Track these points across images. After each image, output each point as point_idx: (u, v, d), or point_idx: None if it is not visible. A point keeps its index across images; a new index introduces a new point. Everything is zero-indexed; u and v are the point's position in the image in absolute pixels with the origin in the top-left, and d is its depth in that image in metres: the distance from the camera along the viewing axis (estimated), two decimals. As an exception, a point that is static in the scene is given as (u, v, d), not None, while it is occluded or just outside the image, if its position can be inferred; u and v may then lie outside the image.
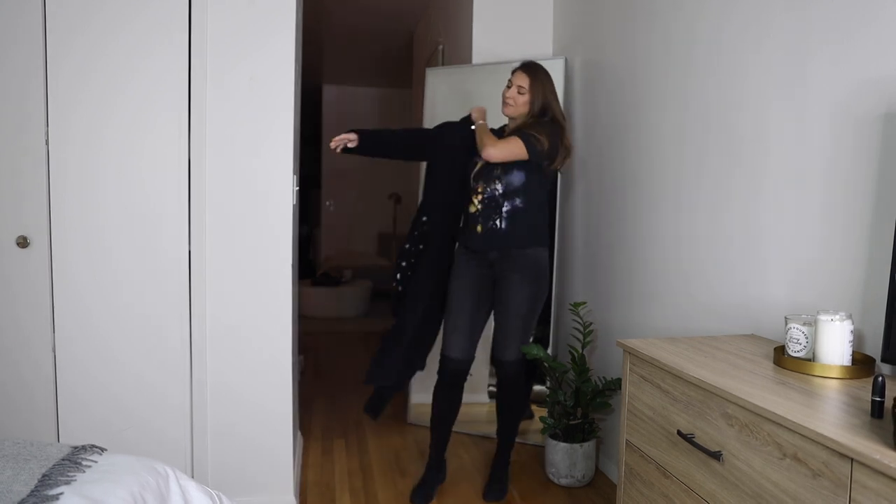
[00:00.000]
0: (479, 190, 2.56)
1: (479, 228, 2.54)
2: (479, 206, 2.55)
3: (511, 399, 2.67)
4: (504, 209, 2.51)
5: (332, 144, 2.60)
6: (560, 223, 3.21)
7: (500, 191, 2.51)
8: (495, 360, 2.63)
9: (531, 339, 2.92)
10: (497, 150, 2.43)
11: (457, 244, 2.69)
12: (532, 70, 2.55)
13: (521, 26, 3.47)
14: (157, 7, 2.31)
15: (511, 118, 2.58)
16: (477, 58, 3.42)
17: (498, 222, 2.51)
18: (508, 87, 2.56)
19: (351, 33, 5.96)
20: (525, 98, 2.52)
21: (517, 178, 2.50)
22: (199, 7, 2.33)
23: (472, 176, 2.60)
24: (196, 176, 2.38)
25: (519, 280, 2.52)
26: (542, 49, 3.47)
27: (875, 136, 1.54)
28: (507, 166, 2.50)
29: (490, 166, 2.53)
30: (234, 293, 2.43)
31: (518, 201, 2.51)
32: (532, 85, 2.51)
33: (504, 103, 2.56)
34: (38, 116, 2.30)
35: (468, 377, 2.67)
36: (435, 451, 2.69)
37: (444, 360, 2.62)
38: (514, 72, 2.57)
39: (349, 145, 2.60)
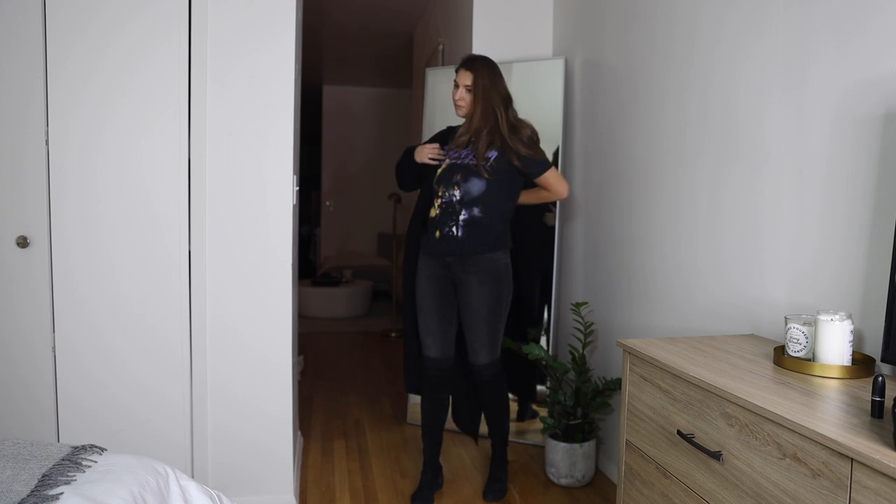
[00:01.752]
0: (440, 194, 2.51)
1: (437, 234, 2.50)
2: (438, 211, 2.50)
3: (491, 402, 2.64)
4: (461, 217, 2.46)
5: (434, 155, 2.56)
6: (560, 223, 3.21)
7: (458, 197, 2.46)
8: (469, 366, 2.60)
9: (527, 343, 2.89)
10: (565, 186, 2.57)
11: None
12: (472, 65, 2.49)
13: (521, 26, 3.47)
14: (157, 7, 2.31)
15: (466, 118, 2.54)
16: (477, 58, 3.42)
17: (454, 229, 2.46)
18: (455, 87, 2.50)
19: (351, 33, 5.96)
20: (472, 96, 2.47)
21: (476, 186, 2.45)
22: (199, 7, 2.33)
23: (434, 179, 2.55)
24: (196, 176, 2.38)
25: (477, 283, 2.48)
26: (542, 49, 3.48)
27: (875, 136, 1.54)
28: (466, 173, 2.46)
29: (451, 171, 2.49)
30: (234, 293, 2.43)
31: (476, 211, 2.45)
32: (474, 82, 2.46)
33: (456, 106, 2.51)
34: (38, 116, 2.30)
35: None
36: (429, 455, 2.68)
37: (424, 360, 2.61)
38: (457, 70, 2.52)
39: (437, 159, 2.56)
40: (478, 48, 3.43)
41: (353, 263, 7.51)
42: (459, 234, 2.46)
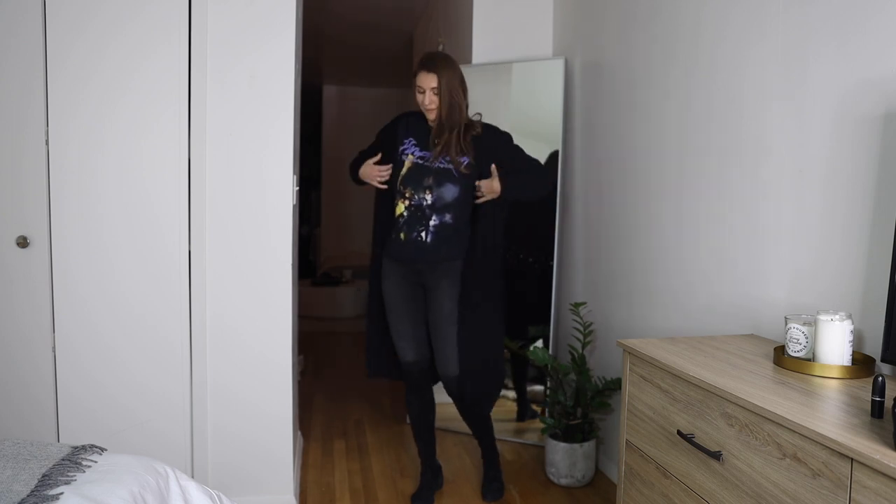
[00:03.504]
0: (407, 195, 2.41)
1: (402, 236, 2.41)
2: (405, 213, 2.41)
3: (473, 413, 2.60)
4: (431, 223, 2.38)
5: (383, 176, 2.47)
6: (560, 223, 3.21)
7: (429, 202, 2.38)
8: (440, 377, 2.53)
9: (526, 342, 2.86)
10: None
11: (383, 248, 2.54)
12: (433, 67, 2.36)
13: (521, 26, 3.47)
14: (157, 7, 2.31)
15: (434, 120, 2.43)
16: (477, 58, 3.42)
17: (423, 235, 2.38)
18: (421, 92, 2.38)
19: (351, 33, 5.96)
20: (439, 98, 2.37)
21: (450, 192, 2.38)
22: (199, 7, 2.33)
23: (399, 178, 2.44)
24: (196, 176, 2.38)
25: (448, 286, 2.42)
26: (542, 49, 3.47)
27: (875, 136, 1.54)
28: (441, 178, 2.38)
29: (419, 173, 2.40)
30: (234, 293, 2.43)
31: (448, 217, 2.38)
32: (439, 82, 2.35)
33: (427, 111, 2.40)
34: (38, 116, 2.30)
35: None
36: (425, 456, 2.67)
37: (402, 365, 2.57)
38: (416, 74, 2.39)
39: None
40: (478, 48, 3.43)
41: (353, 263, 7.51)
42: (428, 240, 2.38)
